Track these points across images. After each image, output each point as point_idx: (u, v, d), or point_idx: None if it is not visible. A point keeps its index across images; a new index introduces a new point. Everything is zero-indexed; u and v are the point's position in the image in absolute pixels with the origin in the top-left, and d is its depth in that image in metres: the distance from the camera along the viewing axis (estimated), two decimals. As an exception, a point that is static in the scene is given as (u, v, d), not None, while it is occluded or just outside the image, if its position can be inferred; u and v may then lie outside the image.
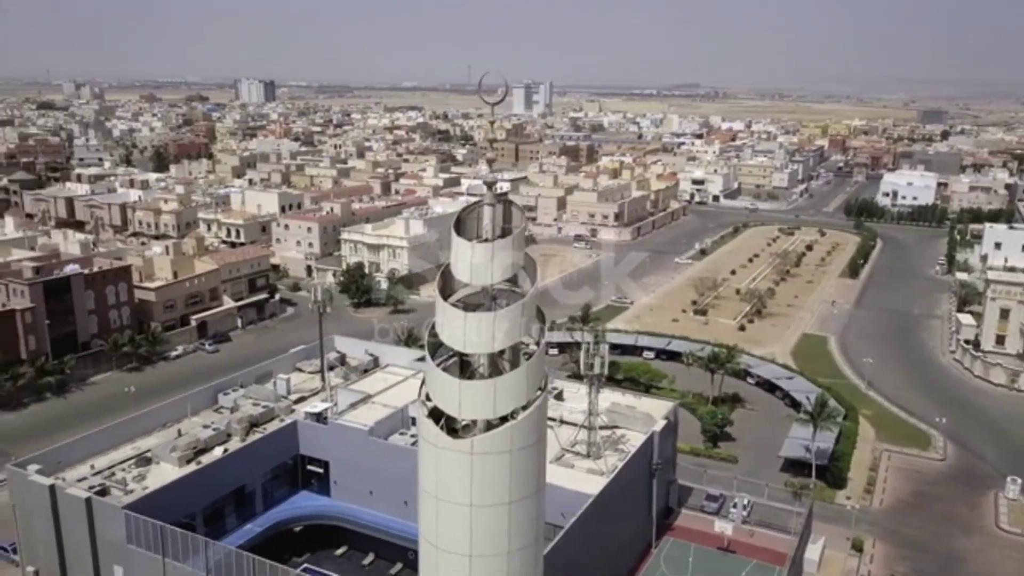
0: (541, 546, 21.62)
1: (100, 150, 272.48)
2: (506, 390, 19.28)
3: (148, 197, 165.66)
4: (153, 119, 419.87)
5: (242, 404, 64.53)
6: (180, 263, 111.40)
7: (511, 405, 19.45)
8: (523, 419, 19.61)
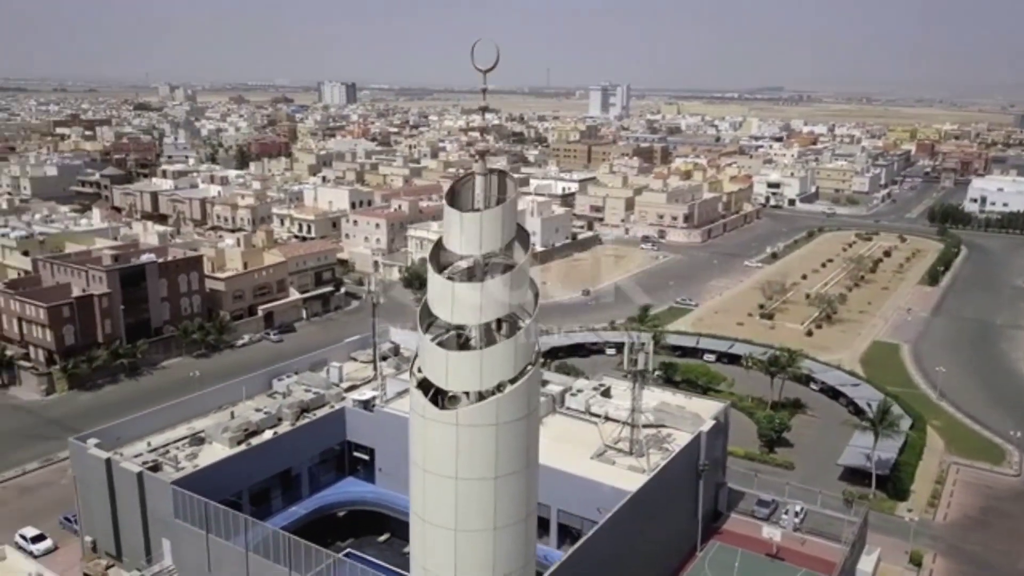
0: (533, 526, 21.29)
1: (187, 148, 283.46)
2: (493, 362, 19.08)
3: (226, 193, 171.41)
4: (239, 119, 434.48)
5: (294, 390, 66.03)
6: (250, 255, 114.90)
7: (498, 378, 19.25)
8: (510, 392, 19.37)
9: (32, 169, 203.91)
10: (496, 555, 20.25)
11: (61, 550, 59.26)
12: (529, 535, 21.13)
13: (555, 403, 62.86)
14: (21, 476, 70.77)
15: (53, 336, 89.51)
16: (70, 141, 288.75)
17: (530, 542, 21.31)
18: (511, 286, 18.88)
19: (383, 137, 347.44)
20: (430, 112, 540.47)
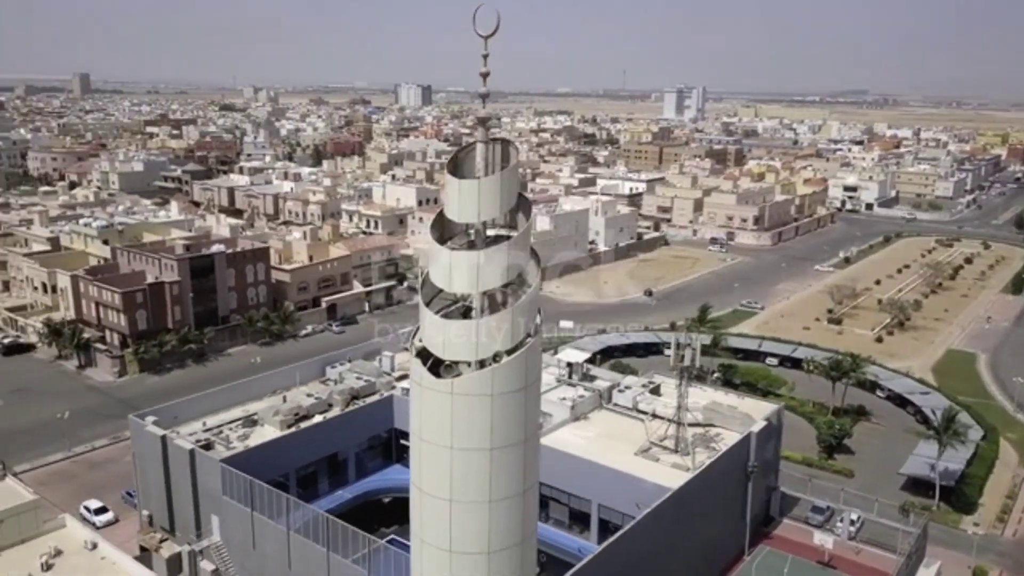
0: (532, 502, 21.04)
1: (266, 147, 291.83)
2: (490, 332, 18.95)
3: (298, 189, 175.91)
4: (318, 120, 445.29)
5: (347, 377, 67.22)
6: (316, 248, 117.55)
7: (493, 348, 19.11)
8: (506, 363, 19.19)
9: (120, 165, 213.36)
10: (491, 529, 20.12)
11: (121, 523, 61.72)
12: (527, 510, 20.89)
13: (602, 399, 62.27)
14: (90, 452, 74.03)
15: (127, 320, 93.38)
16: (158, 139, 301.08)
17: (528, 518, 21.07)
18: (509, 255, 18.72)
19: (455, 138, 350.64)
20: (503, 114, 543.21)
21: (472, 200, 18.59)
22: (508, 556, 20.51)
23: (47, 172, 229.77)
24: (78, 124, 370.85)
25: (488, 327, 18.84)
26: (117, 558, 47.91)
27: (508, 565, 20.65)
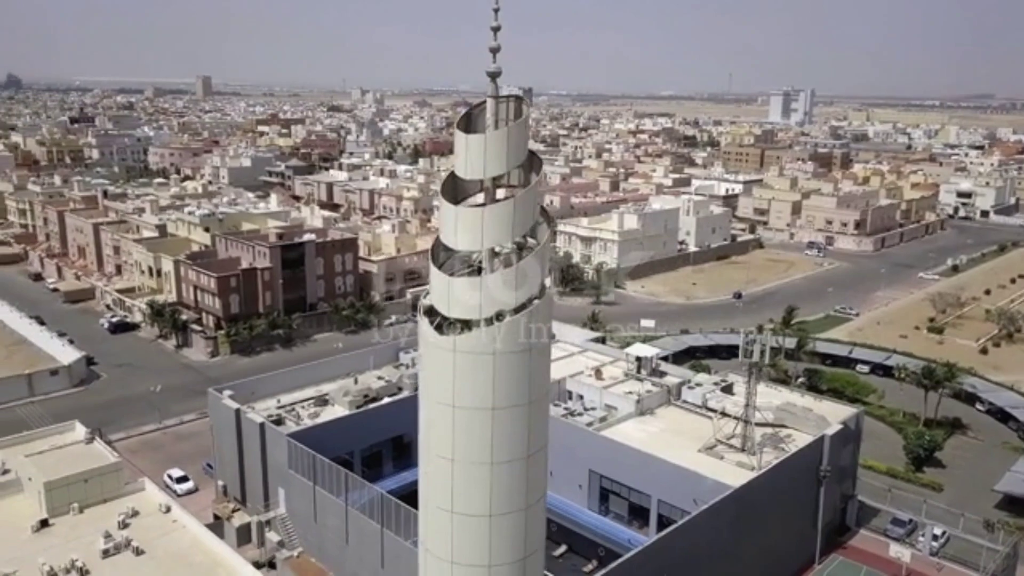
0: (536, 467, 20.70)
1: (367, 146, 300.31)
2: (492, 290, 18.77)
3: (393, 185, 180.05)
4: (419, 121, 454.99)
5: (419, 363, 68.21)
6: (403, 240, 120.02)
7: (496, 306, 18.91)
8: (508, 322, 18.96)
9: (230, 160, 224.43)
10: (493, 491, 19.92)
11: (200, 492, 64.60)
12: (531, 475, 20.55)
13: (670, 395, 60.95)
14: (179, 425, 77.87)
15: (221, 304, 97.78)
16: (267, 138, 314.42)
17: (534, 485, 20.73)
18: (515, 211, 18.49)
19: (552, 139, 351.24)
20: (603, 116, 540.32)
21: (479, 155, 18.47)
22: (511, 521, 20.29)
23: (165, 166, 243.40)
24: (196, 123, 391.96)
25: (492, 284, 18.69)
26: (188, 522, 50.13)
27: (511, 530, 20.43)
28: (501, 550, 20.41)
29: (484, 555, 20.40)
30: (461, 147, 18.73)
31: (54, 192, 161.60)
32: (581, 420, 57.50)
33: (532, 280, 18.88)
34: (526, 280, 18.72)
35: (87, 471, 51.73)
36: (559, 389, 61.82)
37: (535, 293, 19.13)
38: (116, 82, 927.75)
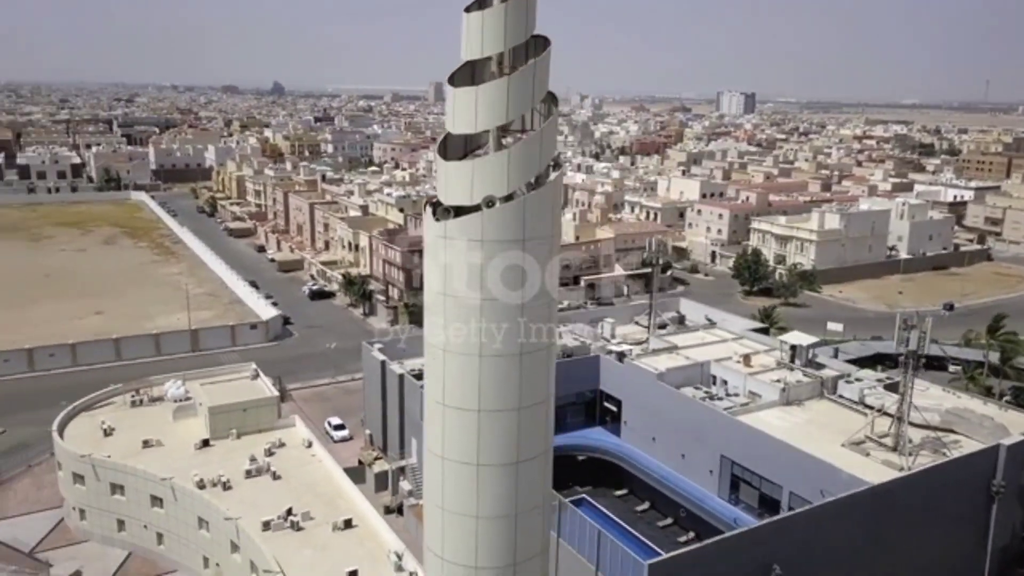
0: (533, 366, 19.92)
1: (575, 146, 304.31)
2: (483, 174, 18.20)
3: (588, 180, 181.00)
4: (632, 124, 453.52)
5: (564, 337, 68.15)
6: (583, 228, 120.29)
7: (486, 190, 18.38)
8: (497, 209, 18.33)
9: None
10: (482, 385, 19.48)
11: (353, 440, 68.79)
12: (524, 374, 19.78)
13: (824, 387, 56.09)
14: (349, 382, 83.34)
15: (403, 277, 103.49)
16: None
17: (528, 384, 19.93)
18: (509, 91, 17.87)
19: (769, 144, 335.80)
20: (831, 123, 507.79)
21: (477, 34, 18.12)
22: (504, 420, 19.76)
23: (386, 160, 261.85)
24: (421, 123, 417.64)
25: (481, 168, 18.27)
26: (324, 459, 53.78)
27: (503, 428, 19.89)
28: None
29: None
30: (464, 30, 18.42)
31: (284, 176, 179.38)
32: (719, 405, 54.55)
33: (526, 167, 18.26)
34: (519, 166, 18.13)
35: (246, 402, 56.96)
36: (702, 373, 59.06)
37: (532, 180, 18.48)
38: (361, 89, 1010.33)
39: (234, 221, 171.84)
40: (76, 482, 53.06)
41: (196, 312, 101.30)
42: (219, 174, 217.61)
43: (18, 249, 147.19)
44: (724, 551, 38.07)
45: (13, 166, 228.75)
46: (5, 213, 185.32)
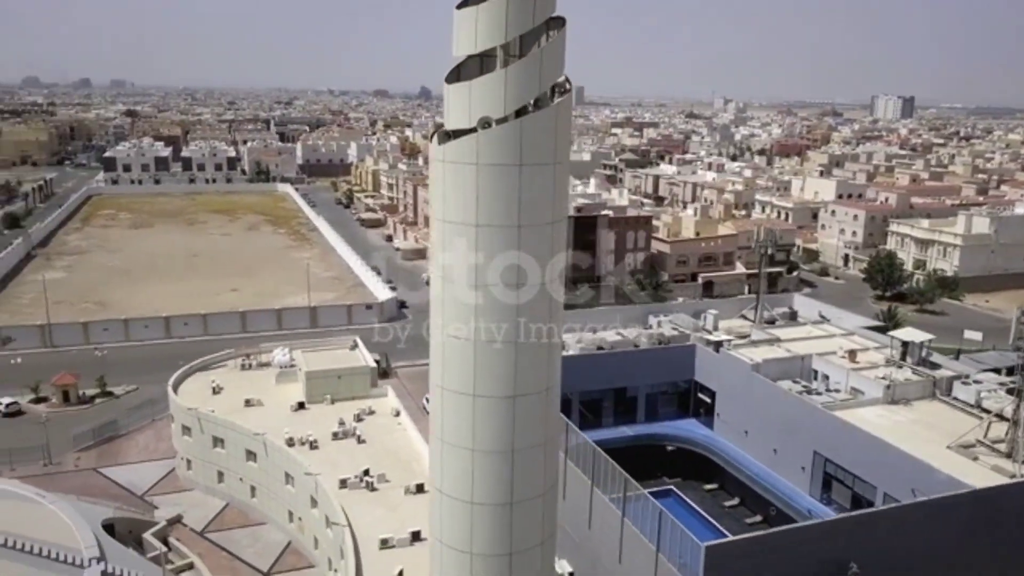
0: (531, 305, 19.48)
1: (711, 148, 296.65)
2: (481, 95, 17.90)
3: (719, 179, 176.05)
4: (776, 128, 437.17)
5: (664, 326, 66.50)
6: (704, 225, 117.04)
7: (482, 111, 18.09)
8: (493, 131, 17.93)
9: (572, 155, 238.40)
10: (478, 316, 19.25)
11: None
12: (521, 315, 19.40)
13: (936, 388, 51.78)
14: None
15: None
16: (615, 138, 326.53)
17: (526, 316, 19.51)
18: (507, 10, 17.47)
19: (924, 147, 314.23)
20: (998, 128, 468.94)
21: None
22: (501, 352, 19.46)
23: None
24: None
25: (479, 88, 18.03)
26: (409, 428, 55.07)
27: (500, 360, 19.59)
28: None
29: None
30: None
31: (416, 171, 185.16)
32: (817, 399, 51.51)
33: (524, 88, 17.90)
34: (517, 86, 17.79)
35: (340, 369, 59.21)
36: (802, 366, 55.96)
37: (532, 101, 18.10)
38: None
39: (366, 212, 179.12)
40: (184, 434, 56.89)
41: (320, 293, 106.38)
42: (357, 169, 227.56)
43: (175, 232, 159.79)
44: (792, 541, 35.93)
45: (179, 159, 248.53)
46: (169, 200, 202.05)
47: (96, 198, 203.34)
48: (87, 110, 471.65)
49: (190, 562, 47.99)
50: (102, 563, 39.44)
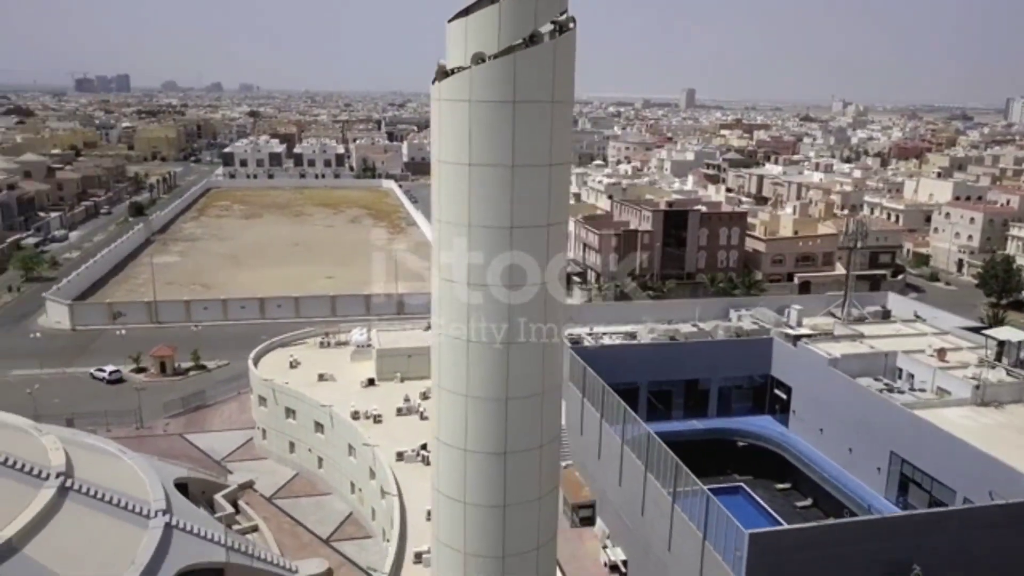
0: (525, 240, 19.05)
1: (824, 150, 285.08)
2: (475, 29, 17.64)
3: (826, 180, 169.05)
4: (897, 131, 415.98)
5: (744, 320, 64.28)
6: (802, 223, 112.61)
7: (476, 47, 17.79)
8: (485, 66, 17.53)
9: (676, 154, 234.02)
10: (471, 260, 19.03)
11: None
12: (513, 252, 18.97)
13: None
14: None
15: (600, 260, 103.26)
16: (723, 139, 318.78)
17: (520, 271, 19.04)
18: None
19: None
20: None
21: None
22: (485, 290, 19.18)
23: (620, 158, 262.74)
24: (664, 126, 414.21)
25: (474, 24, 17.73)
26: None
27: (486, 309, 19.30)
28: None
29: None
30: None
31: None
32: (897, 397, 48.53)
33: (520, 22, 17.55)
34: (512, 20, 17.46)
35: (410, 348, 60.12)
36: (886, 364, 52.89)
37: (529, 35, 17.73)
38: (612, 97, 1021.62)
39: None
40: (261, 404, 59.16)
41: (411, 282, 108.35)
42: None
43: (282, 223, 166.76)
44: (848, 537, 33.95)
45: (291, 155, 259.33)
46: (280, 193, 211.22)
47: (214, 190, 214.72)
48: (215, 111, 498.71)
49: (255, 525, 49.76)
50: (167, 516, 41.41)
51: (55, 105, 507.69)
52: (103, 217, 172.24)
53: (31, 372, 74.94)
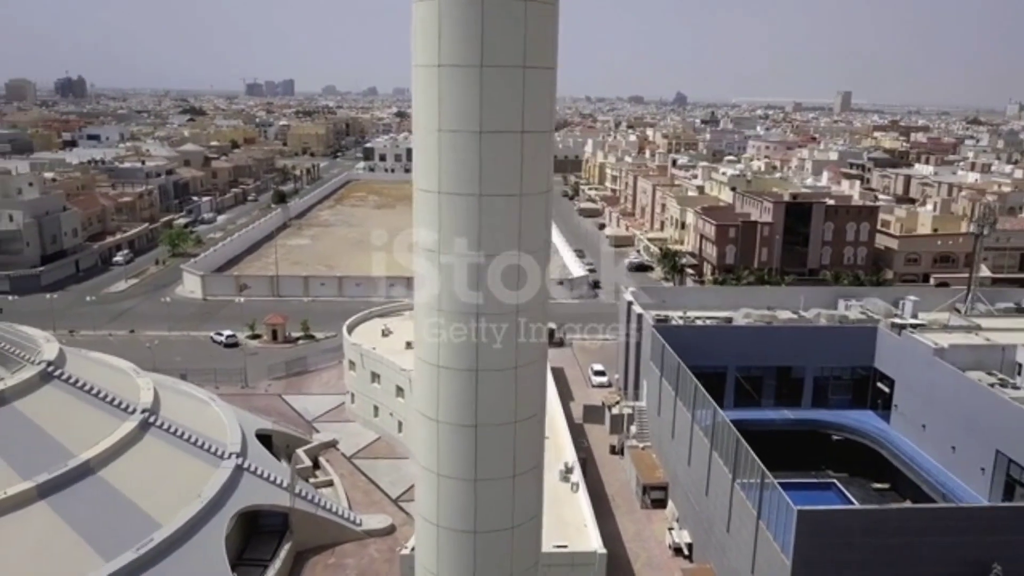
0: (487, 147, 18.18)
1: (988, 152, 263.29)
2: None
3: (983, 180, 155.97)
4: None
5: (852, 310, 60.11)
6: (943, 221, 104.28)
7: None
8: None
9: (818, 154, 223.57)
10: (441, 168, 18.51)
11: (612, 387, 68.53)
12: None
13: None
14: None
15: (716, 252, 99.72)
16: (874, 140, 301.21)
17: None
18: None
19: None
20: None
21: None
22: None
23: (758, 156, 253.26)
24: (811, 127, 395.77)
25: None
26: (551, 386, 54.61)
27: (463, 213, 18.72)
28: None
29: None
30: None
31: (640, 164, 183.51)
32: (1010, 392, 43.79)
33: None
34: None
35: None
36: (1002, 357, 47.82)
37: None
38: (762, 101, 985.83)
39: (586, 202, 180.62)
40: (351, 369, 61.03)
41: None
42: (587, 163, 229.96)
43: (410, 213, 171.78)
44: (915, 525, 30.92)
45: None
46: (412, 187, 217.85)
47: (352, 183, 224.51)
48: (367, 112, 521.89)
49: (331, 480, 51.34)
50: (240, 459, 43.45)
51: (225, 106, 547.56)
52: (250, 203, 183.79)
53: (160, 333, 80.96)
